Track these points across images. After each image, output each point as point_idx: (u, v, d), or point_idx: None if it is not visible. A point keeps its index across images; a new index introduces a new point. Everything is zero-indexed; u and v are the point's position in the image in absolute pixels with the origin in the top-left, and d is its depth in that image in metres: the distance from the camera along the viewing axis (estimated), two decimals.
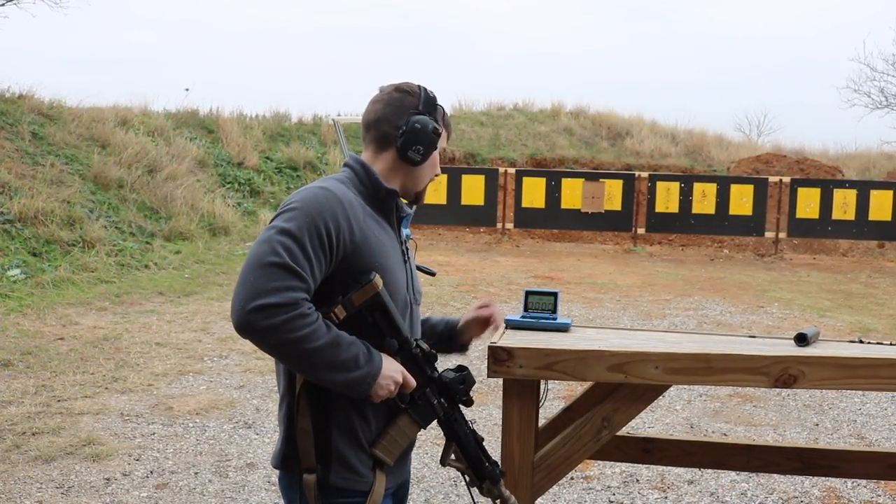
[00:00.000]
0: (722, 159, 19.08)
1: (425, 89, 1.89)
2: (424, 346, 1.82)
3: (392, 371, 1.73)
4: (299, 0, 72.26)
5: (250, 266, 1.61)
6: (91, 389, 5.43)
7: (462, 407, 1.88)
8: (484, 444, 1.94)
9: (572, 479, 4.08)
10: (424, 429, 1.84)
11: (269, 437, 4.67)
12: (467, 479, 1.94)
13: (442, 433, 1.89)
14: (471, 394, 1.87)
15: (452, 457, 1.91)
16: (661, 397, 2.77)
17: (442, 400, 1.84)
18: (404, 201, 1.92)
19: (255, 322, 1.57)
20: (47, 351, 6.31)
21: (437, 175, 1.95)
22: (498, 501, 1.97)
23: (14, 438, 4.49)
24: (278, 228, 1.64)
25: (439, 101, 1.92)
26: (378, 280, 1.71)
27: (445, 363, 1.90)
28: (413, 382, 1.78)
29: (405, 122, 1.83)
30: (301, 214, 1.66)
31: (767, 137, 30.96)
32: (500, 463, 2.03)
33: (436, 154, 1.90)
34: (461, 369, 1.87)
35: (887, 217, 13.80)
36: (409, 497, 3.81)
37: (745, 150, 20.39)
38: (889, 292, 10.76)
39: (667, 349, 2.25)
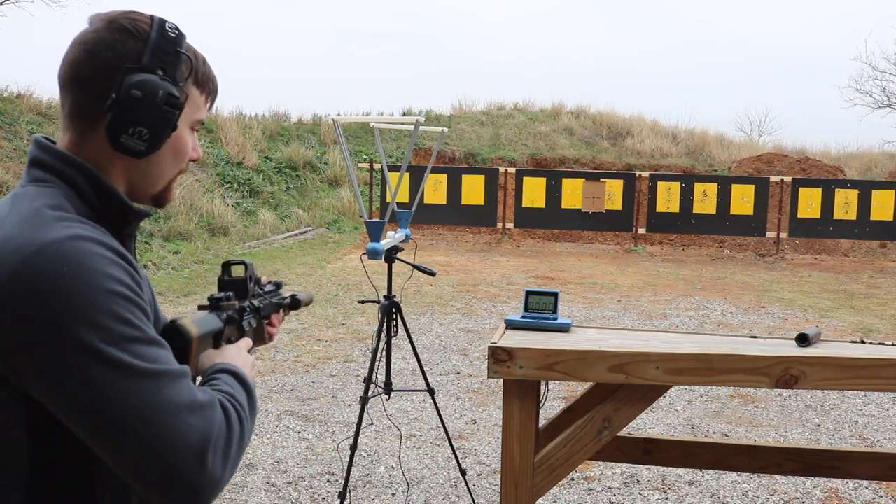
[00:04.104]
0: (723, 159, 19.08)
1: (162, 23, 1.16)
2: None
3: (243, 363, 1.30)
4: (300, 0, 72.39)
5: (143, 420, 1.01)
6: None
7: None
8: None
9: (573, 479, 4.06)
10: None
11: (267, 437, 4.66)
12: None
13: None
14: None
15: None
16: (661, 398, 2.76)
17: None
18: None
19: (216, 481, 1.06)
20: None
21: (187, 163, 1.24)
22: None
23: None
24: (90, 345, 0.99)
25: (189, 42, 1.20)
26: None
27: None
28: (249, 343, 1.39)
29: (116, 86, 1.12)
30: (86, 303, 0.99)
31: (769, 137, 31.05)
32: (501, 464, 2.01)
33: (181, 134, 1.19)
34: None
35: (889, 217, 13.79)
36: (410, 497, 3.80)
37: (746, 149, 20.39)
38: (891, 292, 10.75)
39: (668, 350, 2.24)
